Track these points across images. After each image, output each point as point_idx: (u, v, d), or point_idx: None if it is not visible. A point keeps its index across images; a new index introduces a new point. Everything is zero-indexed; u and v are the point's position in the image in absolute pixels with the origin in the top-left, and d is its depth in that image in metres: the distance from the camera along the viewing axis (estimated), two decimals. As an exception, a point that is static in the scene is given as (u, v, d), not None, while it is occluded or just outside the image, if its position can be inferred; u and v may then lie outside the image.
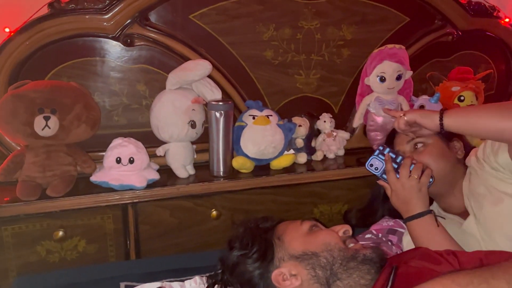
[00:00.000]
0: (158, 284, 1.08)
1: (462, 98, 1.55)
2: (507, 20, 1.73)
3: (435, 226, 1.05)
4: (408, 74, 1.53)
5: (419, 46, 1.64)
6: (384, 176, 1.10)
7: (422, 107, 1.54)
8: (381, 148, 1.12)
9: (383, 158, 1.10)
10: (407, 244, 1.16)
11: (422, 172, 1.07)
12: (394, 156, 1.11)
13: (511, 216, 1.01)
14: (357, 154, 1.57)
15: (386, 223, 1.35)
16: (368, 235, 1.29)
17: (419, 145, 1.16)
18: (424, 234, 1.05)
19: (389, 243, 1.27)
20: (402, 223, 1.31)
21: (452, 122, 1.02)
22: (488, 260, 0.77)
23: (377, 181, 1.17)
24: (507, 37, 1.75)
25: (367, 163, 1.12)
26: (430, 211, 1.07)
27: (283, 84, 1.55)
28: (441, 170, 1.12)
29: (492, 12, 1.71)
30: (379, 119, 1.55)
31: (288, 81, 1.55)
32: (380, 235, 1.29)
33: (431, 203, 1.25)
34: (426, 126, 1.06)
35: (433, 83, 1.64)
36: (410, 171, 1.06)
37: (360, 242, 1.23)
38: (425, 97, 1.56)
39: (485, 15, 1.70)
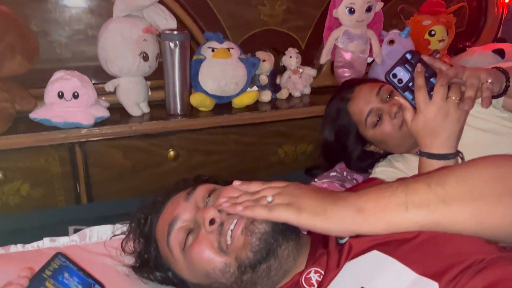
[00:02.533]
0: (108, 226, 1.00)
1: (433, 32, 1.48)
2: (482, -50, 1.65)
3: None
4: (379, 5, 1.44)
5: (390, -23, 1.54)
6: (408, 93, 0.86)
7: (391, 42, 1.47)
8: (408, 56, 0.86)
9: (411, 69, 0.85)
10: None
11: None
12: (424, 68, 0.85)
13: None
14: (323, 92, 1.50)
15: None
16: (332, 173, 1.24)
17: (387, 95, 1.05)
18: None
19: (354, 181, 1.23)
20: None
21: None
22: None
23: (395, 98, 0.94)
24: (481, -30, 1.67)
25: (389, 72, 0.86)
26: (458, 154, 0.86)
27: (246, 16, 1.43)
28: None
29: None
30: (348, 55, 1.47)
31: (251, 13, 1.43)
32: (345, 173, 1.24)
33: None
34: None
35: (404, 16, 1.56)
36: None
37: (323, 181, 1.20)
38: (395, 31, 1.49)
39: None
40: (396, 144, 1.09)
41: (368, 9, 1.41)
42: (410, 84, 0.85)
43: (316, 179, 1.22)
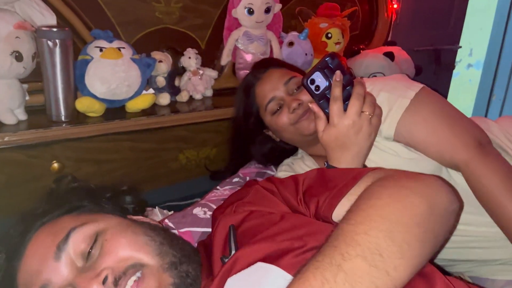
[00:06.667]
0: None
1: (329, 35, 1.51)
2: (371, -42, 1.73)
3: None
4: (277, 7, 1.43)
5: (288, -21, 1.55)
6: (324, 102, 0.83)
7: (291, 44, 1.48)
8: (329, 60, 0.80)
9: (330, 75, 0.80)
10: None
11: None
12: (342, 75, 0.81)
13: None
14: (226, 94, 1.45)
15: (255, 165, 1.28)
16: (236, 179, 1.20)
17: (295, 88, 1.03)
18: None
19: (258, 186, 1.20)
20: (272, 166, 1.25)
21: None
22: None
23: (310, 104, 0.87)
24: (371, -24, 1.76)
25: (307, 77, 0.82)
26: None
27: (139, 13, 1.32)
28: None
29: None
30: (248, 57, 1.45)
31: (145, 9, 1.33)
32: (248, 178, 1.21)
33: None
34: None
35: (302, 19, 1.57)
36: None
37: (225, 188, 1.16)
38: (294, 33, 1.50)
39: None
40: (288, 137, 1.09)
41: (267, 10, 1.39)
42: (327, 92, 0.82)
43: (218, 187, 1.17)
